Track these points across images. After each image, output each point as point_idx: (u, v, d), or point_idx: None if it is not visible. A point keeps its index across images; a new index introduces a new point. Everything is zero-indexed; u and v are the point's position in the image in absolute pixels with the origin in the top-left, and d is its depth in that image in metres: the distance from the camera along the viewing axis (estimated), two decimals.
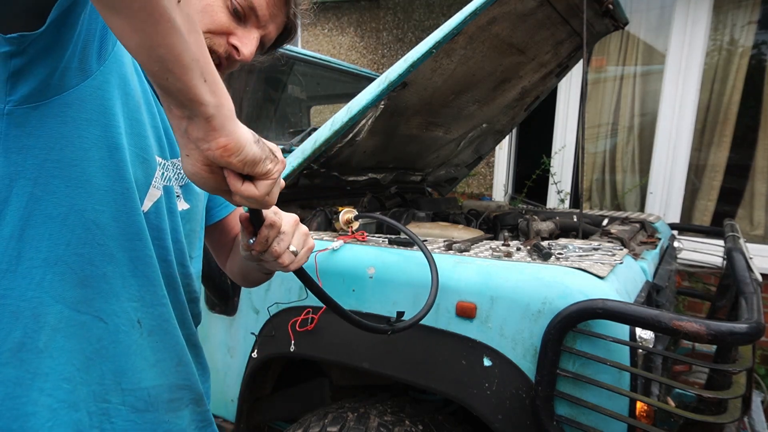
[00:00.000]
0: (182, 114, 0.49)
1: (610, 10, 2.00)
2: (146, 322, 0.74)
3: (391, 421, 1.26)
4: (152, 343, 0.75)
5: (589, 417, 1.04)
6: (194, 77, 0.47)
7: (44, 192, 0.62)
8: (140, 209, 0.71)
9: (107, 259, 0.68)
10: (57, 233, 0.63)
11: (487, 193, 4.20)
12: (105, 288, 0.68)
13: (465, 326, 1.17)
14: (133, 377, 0.73)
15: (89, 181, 0.64)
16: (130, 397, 0.73)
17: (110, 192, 0.67)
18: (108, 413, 0.71)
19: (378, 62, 4.66)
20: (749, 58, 3.21)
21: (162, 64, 0.46)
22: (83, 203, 0.64)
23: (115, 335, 0.70)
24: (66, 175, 0.63)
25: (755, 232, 3.28)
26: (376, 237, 1.52)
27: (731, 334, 0.89)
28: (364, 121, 1.67)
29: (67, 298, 0.65)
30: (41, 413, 0.65)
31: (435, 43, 1.35)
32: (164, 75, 0.46)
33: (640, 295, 1.23)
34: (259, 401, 1.65)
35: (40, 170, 0.61)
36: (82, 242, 0.65)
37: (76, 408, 0.67)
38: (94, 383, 0.69)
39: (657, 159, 3.43)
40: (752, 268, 1.45)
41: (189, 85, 0.47)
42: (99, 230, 0.66)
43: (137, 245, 0.71)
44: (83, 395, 0.68)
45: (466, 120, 2.26)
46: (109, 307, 0.69)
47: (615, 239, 1.52)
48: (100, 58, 0.63)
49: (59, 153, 0.62)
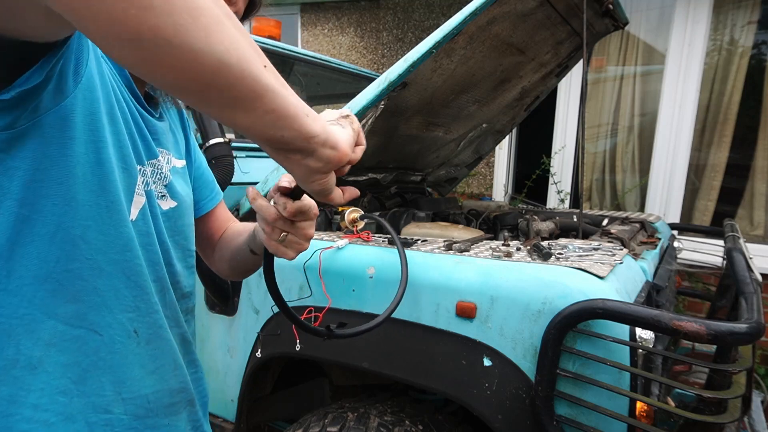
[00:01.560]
0: (302, 156, 0.55)
1: (610, 10, 2.00)
2: (143, 330, 0.74)
3: (391, 421, 1.26)
4: (150, 351, 0.76)
5: (589, 417, 1.04)
6: (301, 119, 0.52)
7: (31, 211, 0.62)
8: (128, 220, 0.71)
9: (96, 272, 0.68)
10: (45, 251, 0.63)
11: (487, 193, 4.20)
12: (97, 301, 0.68)
13: (465, 326, 1.17)
14: (132, 386, 0.73)
15: (74, 197, 0.64)
16: (131, 406, 0.73)
17: (95, 206, 0.67)
18: (111, 423, 0.71)
19: (378, 62, 4.66)
20: (749, 58, 3.21)
21: (277, 129, 0.51)
22: (70, 221, 0.64)
23: (111, 346, 0.70)
24: (52, 194, 0.63)
25: (755, 232, 3.28)
26: (377, 237, 1.52)
27: (731, 334, 0.89)
28: (364, 121, 1.67)
29: (59, 313, 0.65)
30: (37, 429, 0.65)
31: (435, 43, 1.35)
32: (280, 133, 0.51)
33: (640, 295, 1.23)
34: (259, 401, 1.65)
35: (26, 191, 0.61)
36: (70, 258, 0.65)
37: (73, 420, 0.68)
38: (93, 394, 0.69)
39: (657, 159, 3.43)
40: (752, 268, 1.45)
41: (301, 130, 0.52)
42: (86, 245, 0.67)
43: (127, 256, 0.71)
44: (80, 407, 0.68)
45: (466, 120, 2.26)
46: (103, 319, 0.69)
47: (615, 239, 1.52)
48: (77, 76, 0.63)
49: (44, 173, 0.62)
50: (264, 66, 0.49)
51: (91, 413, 0.69)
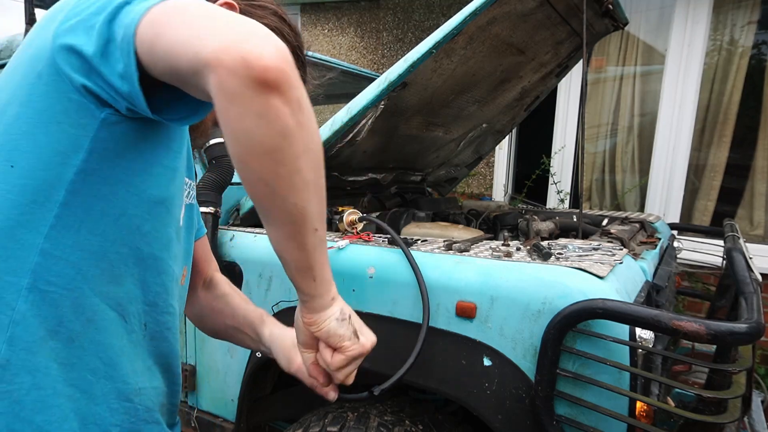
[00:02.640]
0: (299, 298, 0.72)
1: (610, 10, 2.00)
2: (151, 326, 0.77)
3: (391, 421, 1.26)
4: (152, 347, 0.78)
5: (589, 417, 1.04)
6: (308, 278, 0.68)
7: (109, 192, 0.66)
8: (178, 222, 0.79)
9: (138, 262, 0.72)
10: (110, 231, 0.68)
11: (487, 193, 4.20)
12: (131, 288, 0.72)
13: (465, 326, 1.17)
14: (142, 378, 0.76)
15: (146, 191, 0.70)
16: (143, 398, 0.76)
17: (159, 203, 0.73)
18: (129, 412, 0.73)
19: (378, 62, 4.66)
20: (749, 58, 3.21)
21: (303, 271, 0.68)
22: (134, 209, 0.70)
23: (131, 335, 0.73)
24: (129, 182, 0.68)
25: (755, 232, 3.28)
26: (377, 237, 1.52)
27: (731, 334, 0.89)
28: (364, 121, 1.67)
29: (102, 292, 0.68)
30: (63, 405, 0.66)
31: (435, 43, 1.35)
32: (306, 278, 0.68)
33: (640, 295, 1.23)
34: (259, 401, 1.65)
35: (110, 170, 0.66)
36: (124, 243, 0.70)
37: (96, 401, 0.69)
38: (119, 380, 0.71)
39: (657, 159, 3.43)
40: (752, 268, 1.45)
41: (303, 283, 0.69)
42: (141, 236, 0.71)
43: (164, 255, 0.76)
44: (105, 390, 0.70)
45: (466, 120, 2.26)
46: (131, 306, 0.73)
47: (615, 239, 1.52)
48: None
49: (130, 162, 0.68)
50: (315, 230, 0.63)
51: (114, 399, 0.71)
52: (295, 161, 0.56)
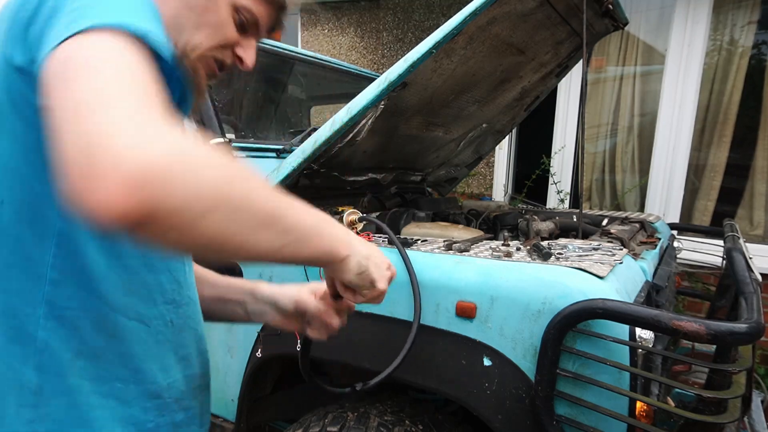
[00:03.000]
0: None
1: (610, 10, 2.00)
2: (176, 321, 0.80)
3: (391, 421, 1.26)
4: (182, 339, 0.82)
5: (589, 417, 1.04)
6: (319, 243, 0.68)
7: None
8: None
9: (148, 268, 0.74)
10: (112, 246, 0.68)
11: (487, 193, 4.20)
12: (145, 294, 0.74)
13: (465, 326, 1.17)
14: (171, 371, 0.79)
15: None
16: (173, 390, 0.79)
17: None
18: (160, 408, 0.76)
19: (378, 62, 4.66)
20: (749, 58, 3.21)
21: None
22: None
23: (156, 336, 0.76)
24: None
25: (755, 232, 3.28)
26: (377, 237, 1.52)
27: (731, 334, 0.89)
28: (364, 121, 1.67)
29: (119, 306, 0.70)
30: (101, 416, 0.69)
31: (435, 43, 1.35)
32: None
33: (640, 295, 1.23)
34: (259, 401, 1.65)
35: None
36: (131, 255, 0.71)
37: (129, 405, 0.72)
38: (147, 382, 0.74)
39: (657, 159, 3.43)
40: (752, 268, 1.45)
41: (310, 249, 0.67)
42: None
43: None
44: (136, 393, 0.73)
45: (466, 120, 2.26)
46: (150, 311, 0.75)
47: (615, 239, 1.52)
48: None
49: None
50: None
51: (146, 399, 0.74)
52: (214, 234, 0.50)
